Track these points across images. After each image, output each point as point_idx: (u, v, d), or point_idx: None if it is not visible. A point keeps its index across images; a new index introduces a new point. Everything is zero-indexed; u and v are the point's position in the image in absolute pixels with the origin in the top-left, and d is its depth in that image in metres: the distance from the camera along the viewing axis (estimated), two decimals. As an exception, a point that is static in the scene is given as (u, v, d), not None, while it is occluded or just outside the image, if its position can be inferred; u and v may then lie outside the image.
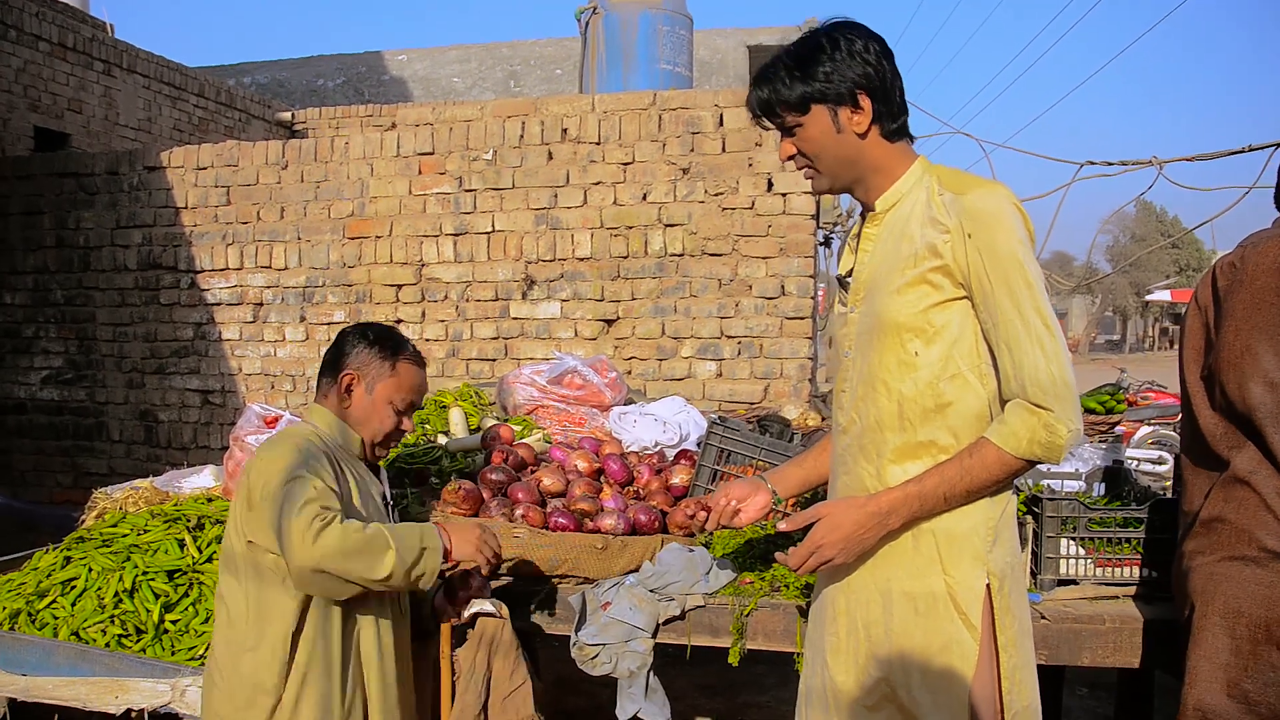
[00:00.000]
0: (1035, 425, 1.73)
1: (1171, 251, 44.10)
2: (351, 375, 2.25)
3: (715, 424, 2.83)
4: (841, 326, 2.00)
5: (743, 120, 5.15)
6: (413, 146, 5.65)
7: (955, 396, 1.83)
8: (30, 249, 6.61)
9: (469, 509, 2.57)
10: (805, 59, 1.83)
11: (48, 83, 8.13)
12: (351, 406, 2.26)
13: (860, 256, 1.95)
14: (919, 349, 1.83)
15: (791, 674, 5.14)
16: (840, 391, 1.99)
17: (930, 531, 1.84)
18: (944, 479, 1.80)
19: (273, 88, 14.58)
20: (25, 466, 6.71)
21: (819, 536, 1.84)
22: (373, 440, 2.29)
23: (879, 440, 1.89)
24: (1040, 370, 1.74)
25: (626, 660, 2.47)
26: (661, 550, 2.53)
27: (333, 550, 1.92)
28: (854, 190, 1.95)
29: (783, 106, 1.86)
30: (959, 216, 1.77)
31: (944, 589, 1.83)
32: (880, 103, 1.84)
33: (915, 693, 1.84)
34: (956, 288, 1.80)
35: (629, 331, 5.31)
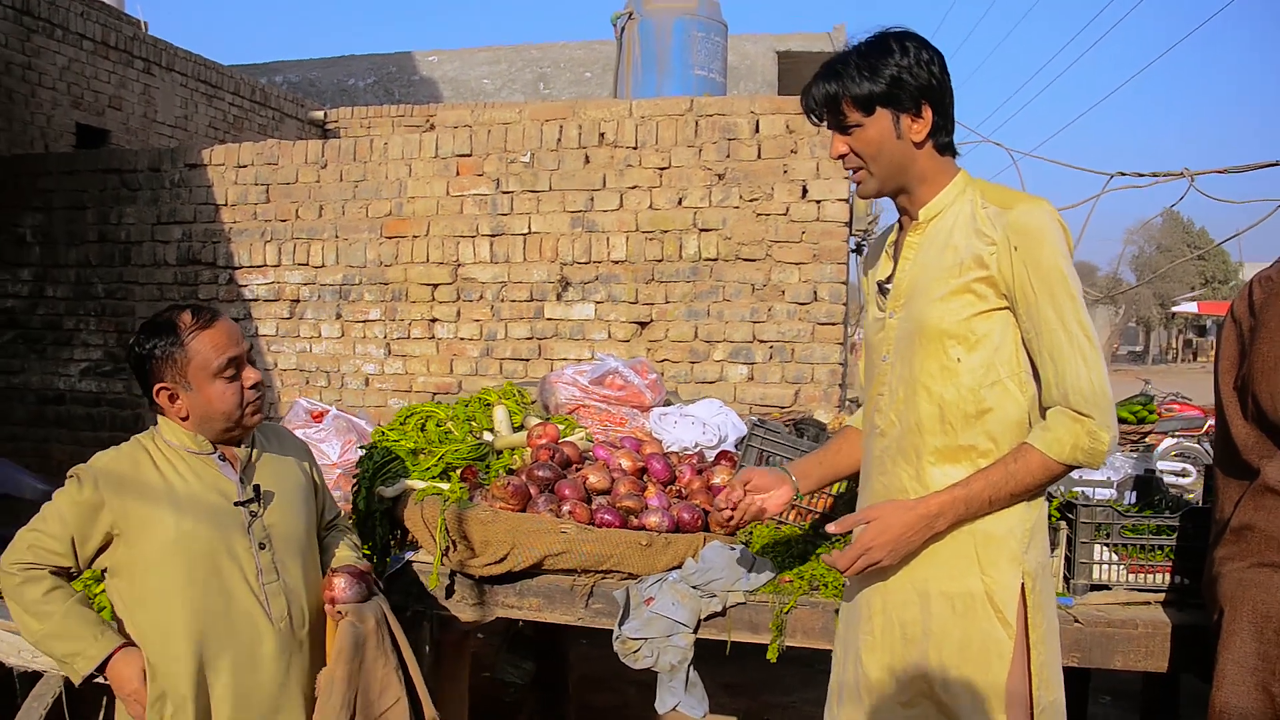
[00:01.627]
0: (1079, 432, 1.80)
1: (1197, 264, 43.78)
2: (164, 388, 2.13)
3: (756, 426, 2.89)
4: (879, 331, 2.04)
5: (778, 127, 5.21)
6: (451, 148, 5.73)
7: (995, 403, 1.88)
8: (73, 243, 6.74)
9: (517, 504, 2.64)
10: (876, 60, 1.87)
11: (90, 80, 8.29)
12: (189, 413, 2.14)
13: (901, 264, 2.00)
14: (961, 355, 1.88)
15: (814, 676, 5.21)
16: (878, 395, 2.03)
17: (969, 533, 1.90)
18: (989, 483, 1.85)
19: (303, 87, 14.72)
20: (63, 456, 6.82)
21: (869, 539, 1.89)
22: (233, 420, 2.17)
23: (919, 443, 1.94)
24: (1082, 379, 1.81)
25: (668, 654, 2.53)
26: (704, 548, 2.59)
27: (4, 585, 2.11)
28: (897, 197, 1.99)
29: (848, 103, 1.89)
30: (1005, 230, 1.83)
31: (982, 589, 1.89)
32: (939, 115, 1.90)
33: (953, 689, 1.89)
34: (1000, 298, 1.86)
35: (662, 334, 5.38)
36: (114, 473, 2.12)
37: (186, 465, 2.16)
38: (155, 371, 2.12)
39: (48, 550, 2.09)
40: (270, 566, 2.19)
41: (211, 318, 2.17)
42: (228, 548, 2.14)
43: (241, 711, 2.13)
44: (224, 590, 2.13)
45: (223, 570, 2.13)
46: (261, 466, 2.29)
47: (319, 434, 3.30)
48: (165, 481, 2.13)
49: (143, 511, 2.09)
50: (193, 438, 2.17)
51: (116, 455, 2.17)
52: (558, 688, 4.15)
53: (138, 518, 2.09)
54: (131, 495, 2.10)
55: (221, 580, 2.13)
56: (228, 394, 2.14)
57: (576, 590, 2.62)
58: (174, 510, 2.10)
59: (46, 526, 2.10)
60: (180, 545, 2.08)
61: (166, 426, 2.19)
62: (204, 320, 2.15)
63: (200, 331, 2.12)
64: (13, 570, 2.09)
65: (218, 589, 2.12)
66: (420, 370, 5.87)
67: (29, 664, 2.76)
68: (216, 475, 2.19)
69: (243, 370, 2.19)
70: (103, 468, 2.14)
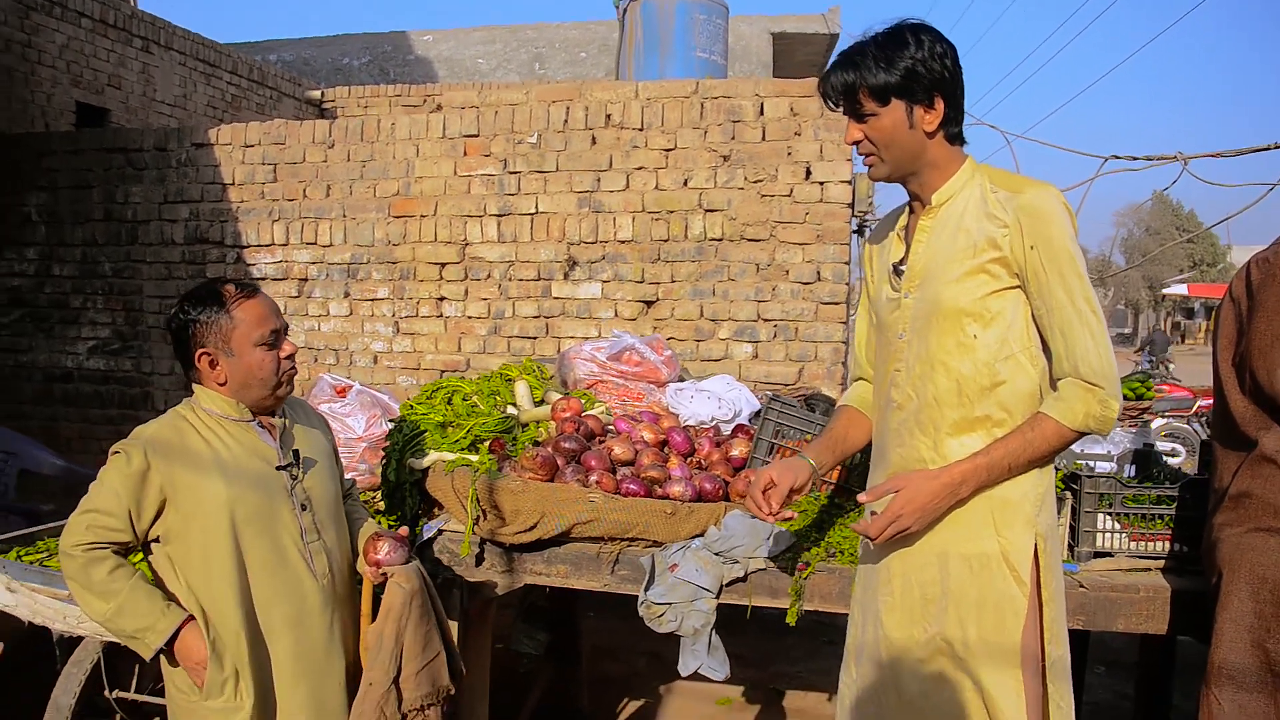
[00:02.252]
0: (1091, 400, 1.94)
1: (1187, 247, 44.01)
2: (206, 353, 2.22)
3: (772, 401, 3.00)
4: (893, 311, 2.14)
5: (783, 110, 5.29)
6: (458, 129, 5.79)
7: (1009, 376, 2.00)
8: (79, 222, 6.77)
9: (545, 475, 2.74)
10: (892, 52, 1.96)
11: (89, 59, 8.28)
12: (228, 378, 2.24)
13: (914, 247, 2.11)
14: (977, 332, 2.00)
15: (820, 648, 5.36)
16: (894, 370, 2.14)
17: (986, 499, 2.02)
18: (1008, 450, 1.98)
19: (298, 65, 14.68)
20: (71, 434, 6.89)
21: (898, 507, 1.99)
22: (269, 388, 2.27)
23: (937, 416, 2.06)
24: (1091, 353, 1.94)
25: (691, 619, 2.63)
26: (726, 516, 2.69)
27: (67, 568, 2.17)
28: (908, 182, 2.10)
29: (865, 94, 1.99)
30: (1016, 213, 1.95)
31: (998, 550, 2.01)
32: (950, 106, 2.00)
33: (971, 645, 2.01)
34: (1012, 277, 1.98)
35: (668, 313, 5.47)
36: (159, 440, 2.20)
37: (227, 432, 2.25)
38: (198, 337, 2.22)
39: (106, 528, 2.15)
40: (312, 527, 2.30)
41: (253, 290, 2.29)
42: (274, 510, 2.24)
43: (300, 663, 2.24)
44: (275, 549, 2.23)
45: (271, 531, 2.23)
46: (295, 435, 2.39)
47: (344, 408, 3.39)
48: (210, 448, 2.21)
49: (191, 477, 2.17)
50: (233, 405, 2.27)
51: (159, 425, 2.25)
52: (572, 658, 4.26)
53: (186, 483, 2.17)
54: (179, 462, 2.18)
55: (271, 540, 2.23)
56: (267, 362, 2.25)
57: (603, 557, 2.72)
58: (222, 475, 2.19)
59: (101, 504, 2.15)
60: (230, 508, 2.17)
61: (205, 395, 2.28)
62: (247, 292, 2.27)
63: (244, 301, 2.24)
64: (75, 552, 2.14)
65: (268, 549, 2.23)
66: (428, 348, 5.95)
67: (74, 629, 2.85)
68: (257, 441, 2.29)
69: (281, 341, 2.30)
70: (148, 437, 2.21)
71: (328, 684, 2.32)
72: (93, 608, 2.16)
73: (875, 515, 2.04)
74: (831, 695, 4.62)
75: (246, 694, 2.19)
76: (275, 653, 2.24)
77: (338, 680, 2.34)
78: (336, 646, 2.34)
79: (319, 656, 2.29)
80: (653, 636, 4.99)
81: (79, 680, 3.08)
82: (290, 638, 2.25)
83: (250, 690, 2.20)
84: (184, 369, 2.29)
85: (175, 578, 2.23)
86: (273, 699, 2.25)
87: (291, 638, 2.25)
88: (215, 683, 2.18)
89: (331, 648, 2.33)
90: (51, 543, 3.24)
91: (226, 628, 2.18)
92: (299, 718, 2.26)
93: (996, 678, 1.99)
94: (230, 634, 2.18)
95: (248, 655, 2.19)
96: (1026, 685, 2.00)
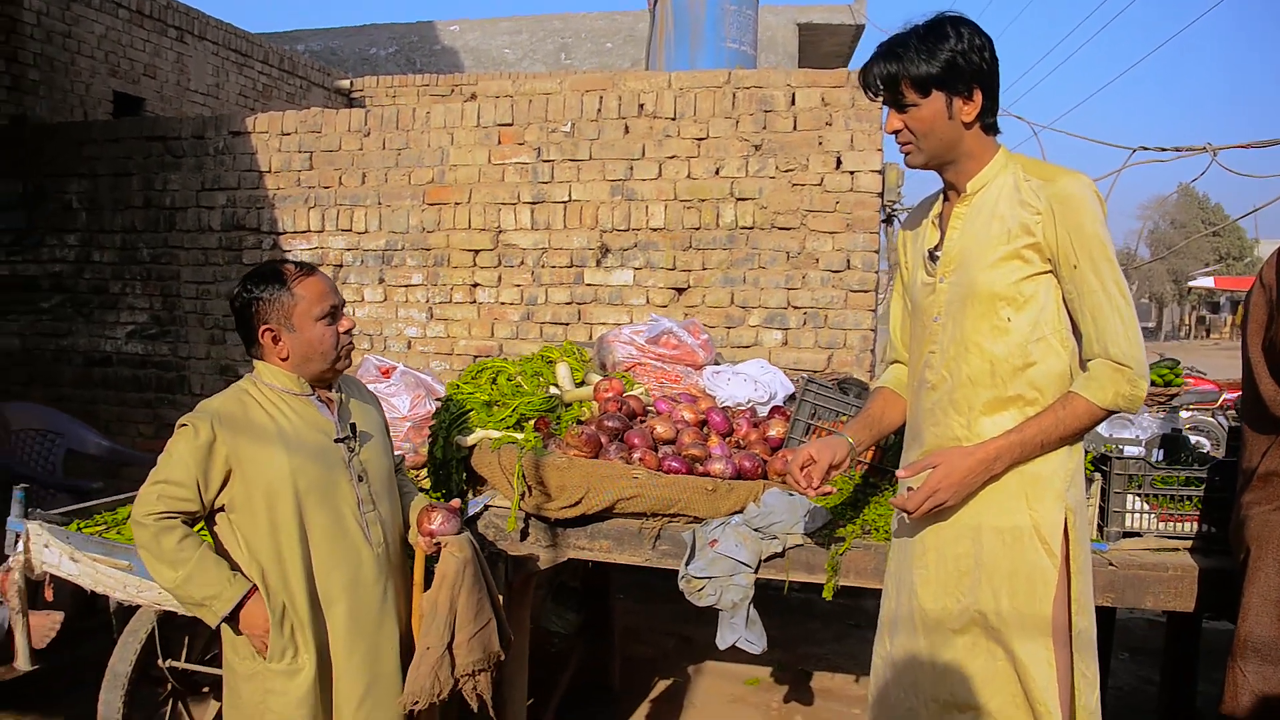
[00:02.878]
0: (1120, 380, 2.02)
1: (1213, 240, 43.65)
2: (269, 329, 2.32)
3: (809, 383, 3.07)
4: (929, 295, 2.22)
5: (814, 100, 5.34)
6: (493, 117, 5.87)
7: (1040, 357, 2.08)
8: (118, 209, 6.89)
9: (589, 452, 2.82)
10: (933, 44, 2.03)
11: (126, 49, 8.42)
12: (290, 353, 2.33)
13: (949, 234, 2.18)
14: (1011, 315, 2.08)
15: (847, 630, 5.43)
16: (929, 352, 2.21)
17: (1019, 474, 2.09)
18: (1041, 428, 2.06)
19: (325, 55, 14.80)
20: (109, 417, 7.02)
21: (935, 481, 2.08)
22: (329, 362, 2.37)
23: (971, 395, 2.13)
24: (1120, 335, 2.03)
25: (730, 593, 2.71)
26: (765, 494, 2.76)
27: (139, 537, 2.25)
28: (944, 170, 2.18)
29: (906, 84, 2.05)
30: (1049, 201, 2.02)
31: (1029, 523, 2.09)
32: (987, 97, 2.07)
33: (1004, 615, 2.09)
34: (1044, 263, 2.06)
35: (699, 300, 5.54)
36: (224, 412, 2.29)
37: (288, 405, 2.34)
38: (261, 314, 2.31)
39: (176, 498, 2.23)
40: (368, 498, 2.40)
41: (311, 268, 2.39)
42: (332, 480, 2.33)
43: (356, 627, 2.33)
44: (334, 519, 2.33)
45: (330, 501, 2.32)
46: (351, 409, 2.48)
47: (389, 388, 3.48)
48: (273, 420, 2.30)
49: (255, 448, 2.26)
50: (294, 379, 2.36)
51: (224, 398, 2.35)
52: (604, 637, 4.35)
53: (250, 454, 2.26)
54: (243, 433, 2.26)
55: (331, 510, 2.32)
56: (327, 336, 2.35)
57: (645, 533, 2.80)
58: (284, 446, 2.28)
59: (171, 474, 2.24)
60: (292, 478, 2.26)
61: (267, 370, 2.37)
62: (306, 270, 2.37)
63: (305, 279, 2.34)
64: (147, 521, 2.22)
65: (328, 518, 2.32)
66: (461, 334, 6.04)
67: (133, 598, 2.96)
68: (316, 414, 2.38)
69: (340, 316, 2.40)
70: (215, 409, 2.30)
71: (382, 648, 2.41)
72: (163, 576, 2.24)
73: (912, 490, 2.12)
74: (859, 677, 4.69)
75: (307, 657, 2.29)
76: (332, 618, 2.33)
77: (391, 645, 2.44)
78: (390, 613, 2.44)
79: (373, 622, 2.39)
80: (681, 619, 5.13)
81: (134, 649, 3.19)
82: (347, 604, 2.34)
83: (311, 653, 2.29)
84: (246, 345, 2.39)
85: (238, 546, 2.32)
86: (329, 662, 2.35)
87: (348, 604, 2.34)
88: (276, 648, 2.28)
89: (385, 614, 2.42)
90: (107, 516, 3.36)
91: (288, 593, 2.28)
92: (355, 680, 2.36)
93: (1029, 647, 2.07)
94: (291, 599, 2.28)
95: (308, 620, 2.29)
96: (1056, 655, 2.08)
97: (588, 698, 4.27)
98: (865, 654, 5.03)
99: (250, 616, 2.27)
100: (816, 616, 5.52)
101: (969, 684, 2.12)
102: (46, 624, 3.28)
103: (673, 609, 5.29)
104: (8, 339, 7.24)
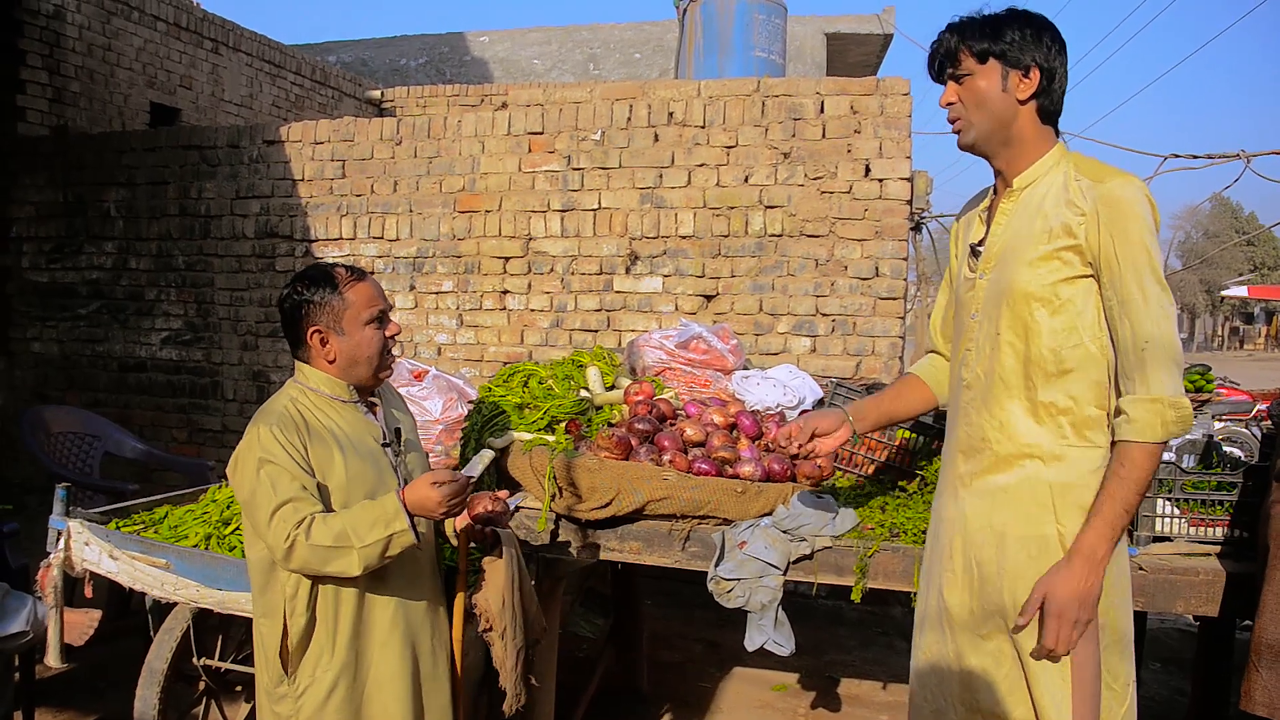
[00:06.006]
0: (1160, 410, 1.92)
1: (1246, 249, 43.18)
2: (319, 331, 2.31)
3: (838, 386, 3.08)
4: (969, 290, 2.18)
5: (843, 108, 5.36)
6: (523, 126, 5.93)
7: (1076, 364, 2.01)
8: (155, 217, 7.01)
9: (620, 454, 2.85)
10: (999, 23, 2.04)
11: (163, 61, 8.57)
12: (337, 356, 2.32)
13: (993, 228, 2.14)
14: (1044, 317, 2.02)
15: (874, 637, 5.41)
16: (965, 350, 2.18)
17: (1046, 484, 2.03)
18: (1116, 499, 1.95)
19: (356, 66, 14.95)
20: (144, 421, 7.13)
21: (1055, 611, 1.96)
22: (375, 367, 2.36)
23: (1003, 397, 2.09)
24: (1157, 352, 1.93)
25: (759, 595, 2.72)
26: (794, 496, 2.78)
27: (303, 561, 2.12)
28: (994, 157, 2.12)
29: (964, 51, 2.05)
30: (1095, 203, 1.95)
31: (1055, 534, 2.02)
32: (1045, 80, 2.04)
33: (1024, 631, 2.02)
34: (1085, 266, 1.98)
35: (728, 307, 5.56)
36: (291, 417, 2.27)
37: (337, 411, 2.35)
38: (310, 316, 2.31)
39: (301, 502, 2.16)
40: None
41: (362, 273, 2.39)
42: (384, 483, 2.35)
43: (404, 612, 2.37)
44: None
45: None
46: (390, 412, 2.52)
47: (421, 392, 3.52)
48: (328, 425, 2.31)
49: (320, 451, 2.26)
50: (341, 385, 2.36)
51: (286, 404, 2.31)
52: (633, 642, 4.37)
53: (318, 455, 2.26)
54: (312, 437, 2.27)
55: None
56: (375, 340, 2.35)
57: (674, 534, 2.82)
58: (341, 451, 2.28)
59: (283, 488, 2.15)
60: (351, 482, 2.27)
61: (313, 375, 2.36)
62: (356, 275, 2.37)
63: (356, 283, 2.34)
64: (294, 535, 2.12)
65: None
66: (491, 340, 6.09)
67: (169, 595, 3.01)
68: (362, 419, 2.40)
69: (386, 323, 2.41)
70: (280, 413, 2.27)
71: (435, 651, 2.45)
72: (344, 560, 2.14)
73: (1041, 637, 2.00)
74: (886, 684, 4.69)
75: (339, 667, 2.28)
76: (379, 615, 2.33)
77: (443, 646, 2.48)
78: (436, 600, 2.48)
79: (422, 614, 2.42)
80: (709, 625, 5.14)
81: (170, 646, 3.24)
82: (400, 597, 2.36)
83: (340, 663, 2.28)
84: (292, 347, 2.39)
85: None
86: (368, 668, 2.35)
87: (396, 599, 2.35)
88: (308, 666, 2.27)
89: (432, 603, 2.46)
90: (144, 516, 3.42)
91: (338, 600, 2.28)
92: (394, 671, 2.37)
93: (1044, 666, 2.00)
94: (347, 599, 2.29)
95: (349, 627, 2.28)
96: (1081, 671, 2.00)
97: (616, 702, 4.28)
98: (892, 661, 5.03)
99: (419, 502, 2.17)
100: (844, 623, 5.52)
101: (994, 692, 2.09)
102: (84, 622, 3.33)
103: (701, 615, 5.31)
104: (47, 345, 7.37)
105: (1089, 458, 2.03)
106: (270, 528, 2.13)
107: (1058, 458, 2.04)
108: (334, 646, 2.28)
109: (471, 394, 3.57)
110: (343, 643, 2.28)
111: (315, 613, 2.26)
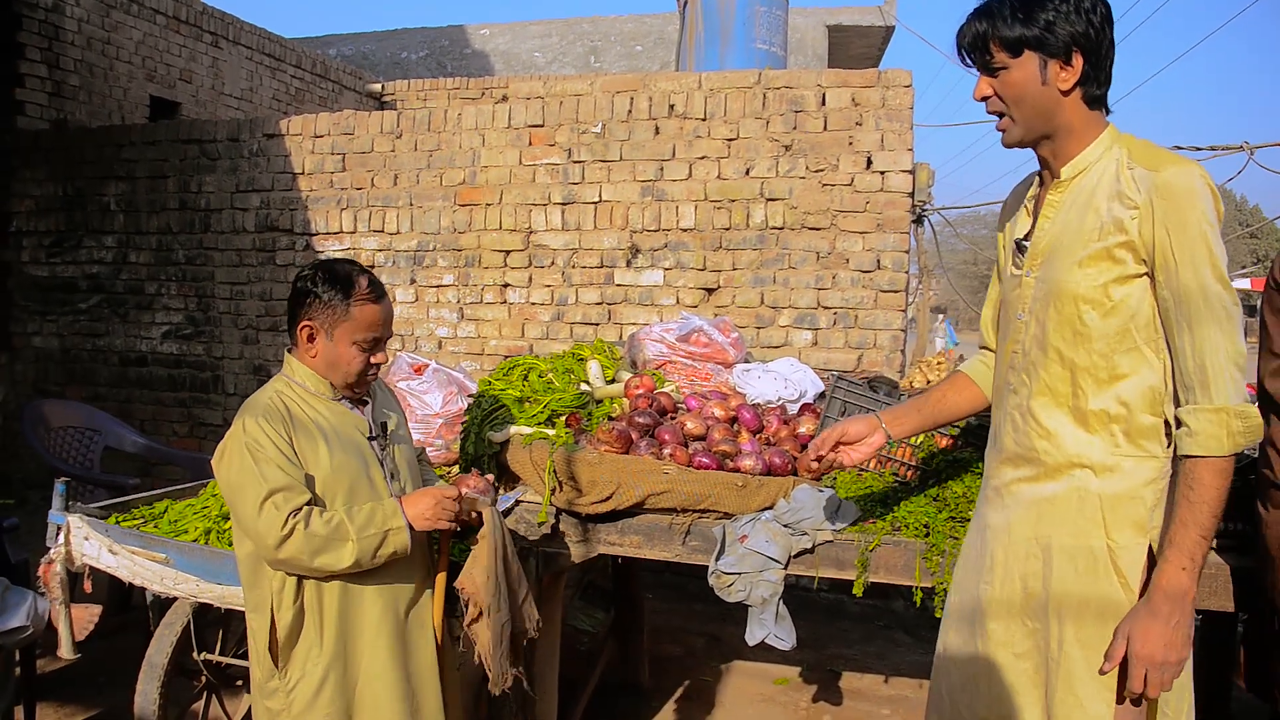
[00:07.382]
0: (1225, 420, 1.76)
1: (1249, 241, 43.09)
2: (309, 326, 2.28)
3: (839, 380, 3.06)
4: (1015, 289, 2.03)
5: (844, 100, 5.34)
6: (524, 119, 5.91)
7: (1129, 370, 1.86)
8: (155, 211, 7.00)
9: (620, 448, 2.83)
10: (1033, 3, 1.82)
11: (163, 54, 8.56)
12: (317, 355, 2.30)
13: (1040, 222, 1.97)
14: (1095, 321, 1.86)
15: (876, 631, 5.40)
16: (1012, 352, 2.03)
17: (1096, 495, 1.89)
18: (1189, 525, 1.77)
19: (357, 59, 14.94)
20: (144, 415, 7.13)
21: (1141, 657, 1.79)
22: (344, 382, 2.33)
23: (1051, 404, 1.94)
24: (1219, 352, 1.78)
25: (760, 589, 2.70)
26: (795, 490, 2.76)
27: (295, 550, 2.12)
28: (1039, 146, 1.95)
29: (996, 43, 1.85)
30: (1150, 193, 1.78)
31: (1105, 549, 1.87)
32: (1090, 64, 1.84)
33: (1068, 648, 1.89)
34: (1139, 264, 1.82)
35: (729, 300, 5.55)
36: (276, 409, 2.26)
37: (323, 404, 2.35)
38: (310, 309, 2.28)
39: (292, 492, 2.16)
40: (400, 491, 2.42)
41: (381, 295, 2.34)
42: (370, 476, 2.35)
43: (394, 604, 2.37)
44: None
45: (370, 497, 2.34)
46: (379, 408, 2.51)
47: (421, 386, 3.51)
48: (313, 418, 2.31)
49: (305, 443, 2.26)
50: (324, 383, 2.35)
51: (272, 396, 2.31)
52: (633, 636, 4.36)
53: (303, 448, 2.26)
54: (297, 429, 2.27)
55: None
56: (356, 361, 2.32)
57: (675, 528, 2.80)
58: (326, 442, 2.28)
59: (272, 478, 2.16)
60: (337, 474, 2.27)
61: (299, 369, 2.35)
62: (375, 295, 2.31)
63: (367, 304, 2.29)
64: (292, 524, 2.12)
65: None
66: (492, 334, 6.08)
67: (169, 590, 3.00)
68: (348, 413, 2.39)
69: (374, 352, 2.36)
70: (265, 405, 2.27)
71: (414, 634, 2.44)
72: (338, 551, 2.16)
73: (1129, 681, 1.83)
74: (888, 677, 4.68)
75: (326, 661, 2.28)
76: (368, 608, 2.33)
77: (428, 639, 2.46)
78: (424, 587, 2.47)
79: (410, 609, 2.41)
80: (710, 619, 5.13)
81: (171, 641, 3.23)
82: (384, 601, 2.34)
83: (328, 657, 2.27)
84: (289, 328, 2.37)
85: None
86: (357, 664, 2.34)
87: (385, 589, 2.35)
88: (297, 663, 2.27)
89: (421, 590, 2.46)
90: (144, 511, 3.41)
91: (330, 586, 2.29)
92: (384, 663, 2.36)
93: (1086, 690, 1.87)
94: (331, 592, 2.29)
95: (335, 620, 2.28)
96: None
97: (617, 696, 4.28)
98: (894, 655, 5.02)
99: (417, 515, 2.24)
100: (845, 617, 5.50)
101: (1023, 717, 1.97)
102: (85, 617, 3.34)
103: (702, 609, 5.29)
104: (47, 339, 7.37)
105: (1145, 468, 1.88)
106: (260, 516, 2.12)
107: (1110, 468, 1.89)
108: (322, 639, 2.28)
109: (472, 387, 3.56)
110: (330, 635, 2.28)
111: (303, 606, 2.26)
